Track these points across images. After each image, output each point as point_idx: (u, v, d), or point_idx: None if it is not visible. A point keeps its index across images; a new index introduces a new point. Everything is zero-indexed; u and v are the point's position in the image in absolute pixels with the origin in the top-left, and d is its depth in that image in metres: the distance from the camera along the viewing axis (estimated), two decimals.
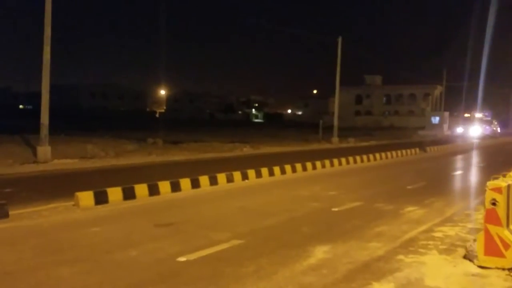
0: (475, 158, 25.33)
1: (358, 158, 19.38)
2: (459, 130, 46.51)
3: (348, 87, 73.48)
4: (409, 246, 6.84)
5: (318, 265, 5.89)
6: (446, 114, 56.69)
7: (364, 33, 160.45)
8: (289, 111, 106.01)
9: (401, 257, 6.28)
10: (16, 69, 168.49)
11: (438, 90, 73.61)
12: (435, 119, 55.53)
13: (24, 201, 9.06)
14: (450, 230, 7.81)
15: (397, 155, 22.88)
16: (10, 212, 7.86)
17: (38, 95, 16.97)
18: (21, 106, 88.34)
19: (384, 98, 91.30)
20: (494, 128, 54.65)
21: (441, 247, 6.80)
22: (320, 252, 6.44)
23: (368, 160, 20.08)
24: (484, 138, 44.95)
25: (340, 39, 33.61)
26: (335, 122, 33.57)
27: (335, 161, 17.73)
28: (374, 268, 5.81)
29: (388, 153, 22.25)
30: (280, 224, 8.22)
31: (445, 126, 54.20)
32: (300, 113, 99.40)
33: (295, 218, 8.76)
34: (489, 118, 58.65)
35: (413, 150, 25.07)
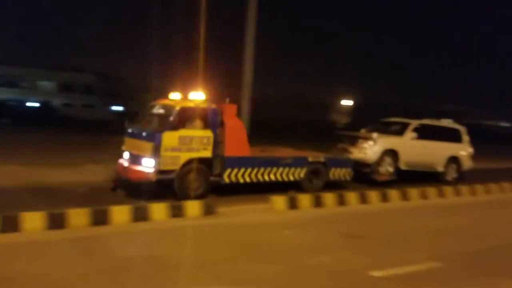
0: None
1: None
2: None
3: None
4: None
5: None
6: None
7: None
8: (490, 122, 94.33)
9: None
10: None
11: None
12: None
13: (227, 200, 9.99)
14: None
15: None
16: (216, 210, 8.77)
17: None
18: None
19: None
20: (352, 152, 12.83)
21: None
22: None
23: None
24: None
25: None
26: None
27: None
28: None
29: None
30: (485, 250, 7.32)
31: None
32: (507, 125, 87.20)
33: (504, 245, 7.70)
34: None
35: None
